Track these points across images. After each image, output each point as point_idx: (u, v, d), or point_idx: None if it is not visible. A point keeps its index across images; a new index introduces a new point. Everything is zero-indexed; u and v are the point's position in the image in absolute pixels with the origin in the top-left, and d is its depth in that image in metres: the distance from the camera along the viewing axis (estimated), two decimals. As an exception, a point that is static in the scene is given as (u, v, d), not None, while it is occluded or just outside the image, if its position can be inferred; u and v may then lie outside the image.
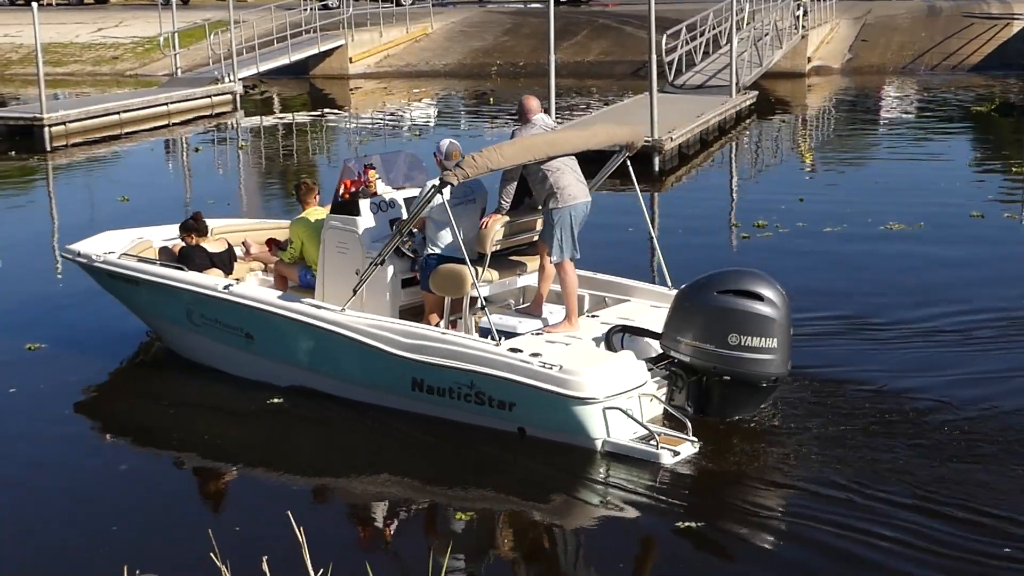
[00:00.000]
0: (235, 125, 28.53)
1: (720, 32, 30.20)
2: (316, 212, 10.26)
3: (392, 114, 30.23)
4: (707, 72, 28.50)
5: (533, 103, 9.55)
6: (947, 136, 24.25)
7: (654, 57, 20.21)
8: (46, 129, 24.49)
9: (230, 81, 30.64)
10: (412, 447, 8.86)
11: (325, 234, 9.72)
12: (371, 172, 9.81)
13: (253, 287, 10.29)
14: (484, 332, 9.02)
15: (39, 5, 25.80)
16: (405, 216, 9.42)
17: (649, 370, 8.74)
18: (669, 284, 9.82)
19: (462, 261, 8.93)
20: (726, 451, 8.45)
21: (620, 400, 8.37)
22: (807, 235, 14.97)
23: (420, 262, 9.41)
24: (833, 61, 34.75)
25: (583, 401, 8.29)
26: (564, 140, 9.30)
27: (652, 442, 8.23)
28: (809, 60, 33.69)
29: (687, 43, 28.53)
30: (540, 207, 9.33)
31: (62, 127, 25.20)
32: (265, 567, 4.67)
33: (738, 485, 8.07)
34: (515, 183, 9.20)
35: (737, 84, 25.50)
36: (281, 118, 29.81)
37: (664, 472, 8.10)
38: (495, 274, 9.36)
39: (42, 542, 7.54)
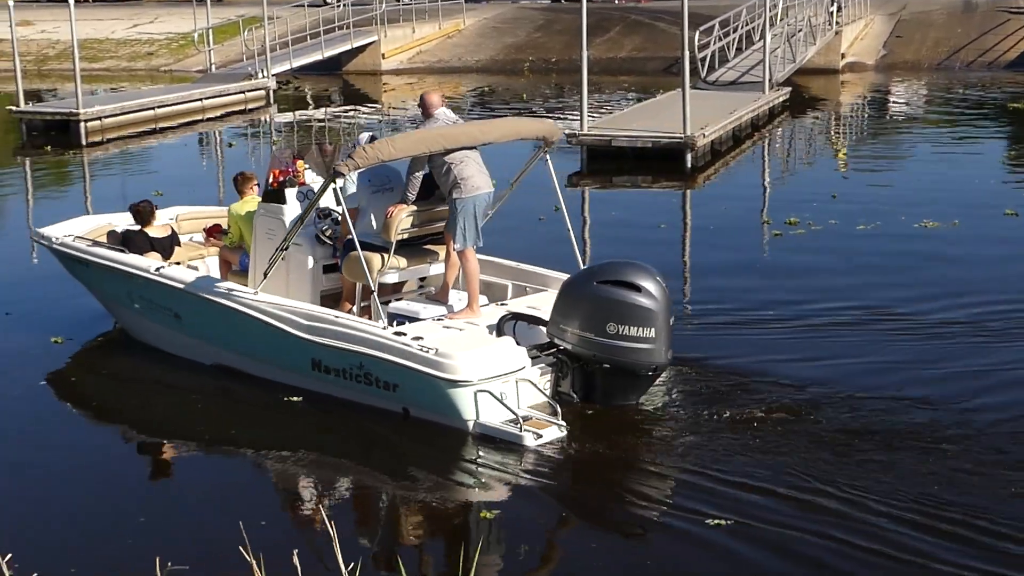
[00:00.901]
0: (268, 121, 28.65)
1: (753, 28, 30.07)
2: (249, 202, 10.60)
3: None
4: (740, 68, 28.39)
5: (435, 98, 9.94)
6: (982, 133, 24.04)
7: (687, 53, 20.13)
8: (82, 124, 24.64)
9: (263, 77, 30.74)
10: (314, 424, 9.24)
11: (256, 221, 10.12)
12: (299, 163, 10.21)
13: (181, 270, 10.59)
14: (392, 318, 9.35)
15: (75, 1, 25.93)
16: (333, 204, 9.85)
17: (535, 357, 9.00)
18: None
19: (375, 248, 9.31)
20: (601, 437, 8.68)
21: (493, 384, 8.64)
22: (840, 233, 14.89)
23: (340, 248, 9.75)
24: (867, 57, 34.53)
25: (455, 383, 8.59)
26: (460, 133, 9.57)
27: (518, 425, 8.48)
28: (843, 56, 33.47)
29: (720, 39, 28.42)
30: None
31: (97, 122, 25.35)
32: (296, 560, 4.71)
33: (607, 469, 8.32)
34: (420, 174, 9.53)
35: (770, 80, 25.36)
36: (313, 113, 29.91)
37: (535, 455, 8.34)
38: (403, 261, 9.70)
39: (65, 537, 7.61)
